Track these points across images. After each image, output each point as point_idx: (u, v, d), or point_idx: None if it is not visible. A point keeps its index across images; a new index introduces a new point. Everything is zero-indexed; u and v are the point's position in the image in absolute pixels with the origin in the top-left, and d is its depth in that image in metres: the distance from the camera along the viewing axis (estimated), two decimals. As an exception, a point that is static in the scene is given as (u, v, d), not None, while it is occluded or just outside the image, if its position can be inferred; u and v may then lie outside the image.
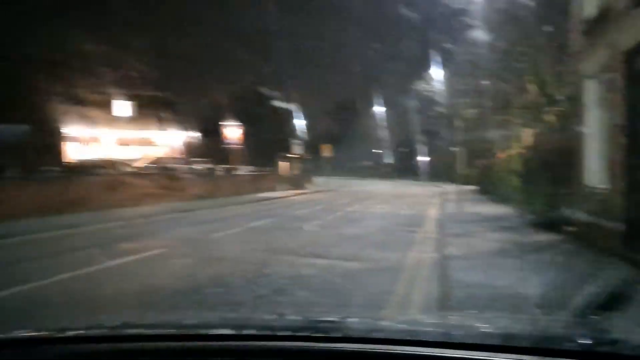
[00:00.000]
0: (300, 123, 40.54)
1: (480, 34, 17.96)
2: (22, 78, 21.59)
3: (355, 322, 1.44)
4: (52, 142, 26.83)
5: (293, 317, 1.50)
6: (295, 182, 35.34)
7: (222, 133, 36.11)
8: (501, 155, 21.23)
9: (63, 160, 26.89)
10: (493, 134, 22.81)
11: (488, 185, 24.28)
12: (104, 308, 5.38)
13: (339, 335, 1.26)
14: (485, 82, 20.74)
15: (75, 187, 16.63)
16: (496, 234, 10.89)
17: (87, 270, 7.23)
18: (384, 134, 56.48)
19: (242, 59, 32.31)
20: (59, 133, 28.16)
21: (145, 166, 27.13)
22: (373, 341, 1.20)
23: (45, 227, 12.37)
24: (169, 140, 34.16)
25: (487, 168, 25.76)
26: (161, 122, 32.15)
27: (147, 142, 33.50)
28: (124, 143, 32.60)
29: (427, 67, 26.65)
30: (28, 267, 7.80)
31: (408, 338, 1.24)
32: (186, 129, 33.80)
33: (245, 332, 1.31)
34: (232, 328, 1.34)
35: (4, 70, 21.10)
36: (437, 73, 26.55)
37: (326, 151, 49.20)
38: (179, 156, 32.32)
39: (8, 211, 13.34)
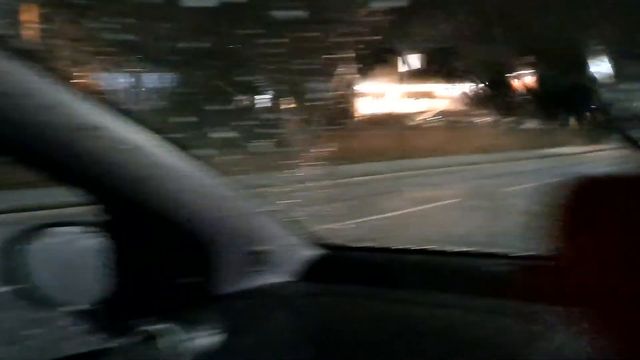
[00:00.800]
0: (604, 68, 35.25)
1: None
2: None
3: None
4: (347, 97, 29.89)
5: None
6: (593, 137, 31.51)
7: (508, 84, 34.32)
8: None
9: (355, 114, 29.67)
10: None
11: None
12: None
13: None
14: None
15: (367, 139, 18.46)
16: None
17: (393, 214, 8.18)
18: None
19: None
20: (353, 89, 31.03)
21: (428, 119, 27.87)
22: None
23: (346, 173, 14.21)
24: (453, 93, 34.22)
25: None
26: (445, 74, 32.32)
27: (430, 95, 34.24)
28: (408, 96, 34.06)
29: None
30: (341, 207, 9.20)
31: None
32: (471, 80, 33.23)
33: None
34: None
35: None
36: None
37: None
38: (462, 109, 32.21)
39: (318, 157, 15.76)
